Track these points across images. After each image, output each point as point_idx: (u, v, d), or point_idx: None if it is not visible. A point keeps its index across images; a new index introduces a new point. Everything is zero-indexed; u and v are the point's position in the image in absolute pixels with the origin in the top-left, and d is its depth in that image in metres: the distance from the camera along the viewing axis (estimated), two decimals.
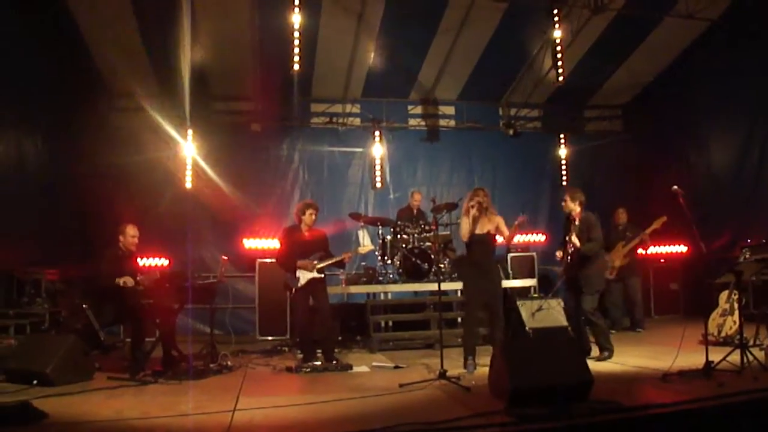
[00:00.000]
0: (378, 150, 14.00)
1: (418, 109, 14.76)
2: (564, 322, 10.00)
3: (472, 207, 7.67)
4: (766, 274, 9.61)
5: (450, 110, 14.80)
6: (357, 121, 14.34)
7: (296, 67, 10.50)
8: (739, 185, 11.95)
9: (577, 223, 8.09)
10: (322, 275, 8.58)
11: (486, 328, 8.48)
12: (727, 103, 12.15)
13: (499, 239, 7.97)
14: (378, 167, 14.04)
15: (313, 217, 8.66)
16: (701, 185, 12.50)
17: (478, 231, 7.70)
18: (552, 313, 10.18)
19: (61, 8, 10.35)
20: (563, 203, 8.32)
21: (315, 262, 8.45)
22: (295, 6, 10.16)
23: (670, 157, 13.40)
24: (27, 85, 9.75)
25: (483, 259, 7.81)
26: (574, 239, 8.00)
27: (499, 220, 7.82)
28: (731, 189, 12.09)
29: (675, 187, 7.06)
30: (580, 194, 8.31)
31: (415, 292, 11.24)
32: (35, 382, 6.70)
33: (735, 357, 6.51)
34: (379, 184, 14.06)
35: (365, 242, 10.87)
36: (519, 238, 13.28)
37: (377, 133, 13.96)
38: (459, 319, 10.41)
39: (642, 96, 14.65)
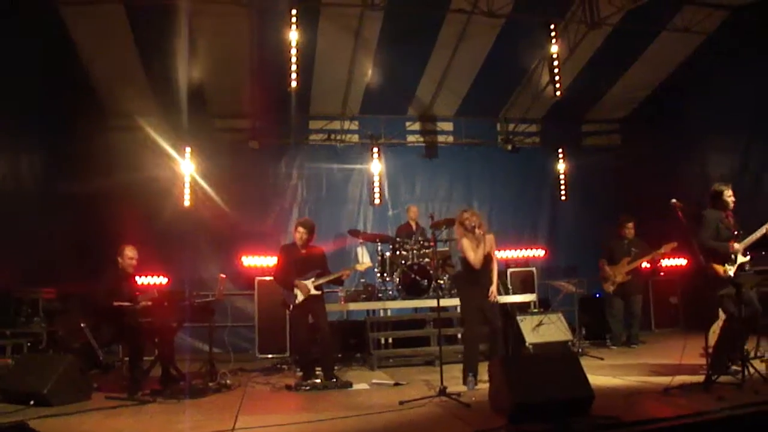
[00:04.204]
0: (376, 166, 14.03)
1: (416, 126, 14.79)
2: (565, 337, 9.97)
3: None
4: (765, 286, 9.59)
5: (448, 126, 14.83)
6: (355, 137, 14.37)
7: (294, 84, 10.53)
8: (737, 198, 11.90)
9: None
10: (320, 292, 8.55)
11: (485, 344, 8.42)
12: (724, 116, 12.10)
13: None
14: (376, 184, 14.07)
15: (300, 235, 8.54)
16: (699, 198, 12.45)
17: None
18: (552, 327, 10.12)
19: (58, 27, 10.38)
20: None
21: (312, 280, 8.41)
22: (293, 23, 10.21)
23: (668, 171, 13.37)
24: (23, 105, 9.75)
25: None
26: None
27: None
28: None
29: (674, 200, 7.07)
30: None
31: (415, 309, 11.21)
32: (32, 402, 6.65)
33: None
34: (377, 201, 14.08)
35: (364, 259, 10.86)
36: (521, 253, 13.37)
37: (375, 149, 13.99)
38: (459, 336, 10.35)
39: (639, 110, 14.68)
